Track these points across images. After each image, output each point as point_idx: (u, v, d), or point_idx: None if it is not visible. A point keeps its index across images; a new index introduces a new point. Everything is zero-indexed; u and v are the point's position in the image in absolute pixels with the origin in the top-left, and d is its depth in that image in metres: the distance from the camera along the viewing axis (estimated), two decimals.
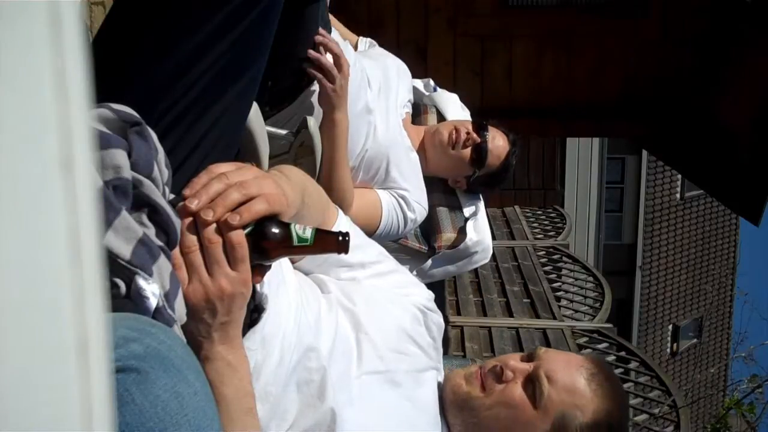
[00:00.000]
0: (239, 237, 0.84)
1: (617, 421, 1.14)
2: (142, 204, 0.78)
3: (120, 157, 0.75)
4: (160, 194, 0.80)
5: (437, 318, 1.26)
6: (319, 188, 1.11)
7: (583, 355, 1.21)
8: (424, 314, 1.23)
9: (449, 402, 1.18)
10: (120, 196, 0.74)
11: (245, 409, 0.89)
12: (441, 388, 1.21)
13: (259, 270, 0.91)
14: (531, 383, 1.12)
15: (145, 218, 0.78)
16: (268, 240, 0.87)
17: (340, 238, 0.92)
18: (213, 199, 0.84)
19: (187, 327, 0.83)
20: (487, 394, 1.14)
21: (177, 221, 0.82)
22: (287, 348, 1.01)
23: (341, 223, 1.15)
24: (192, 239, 0.84)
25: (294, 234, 0.89)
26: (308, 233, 0.90)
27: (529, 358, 1.17)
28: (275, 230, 0.88)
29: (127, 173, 0.75)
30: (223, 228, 0.84)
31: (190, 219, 0.84)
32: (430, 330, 1.23)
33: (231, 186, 0.85)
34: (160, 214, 0.79)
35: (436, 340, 1.25)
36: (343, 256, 0.98)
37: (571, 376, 1.13)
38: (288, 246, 0.89)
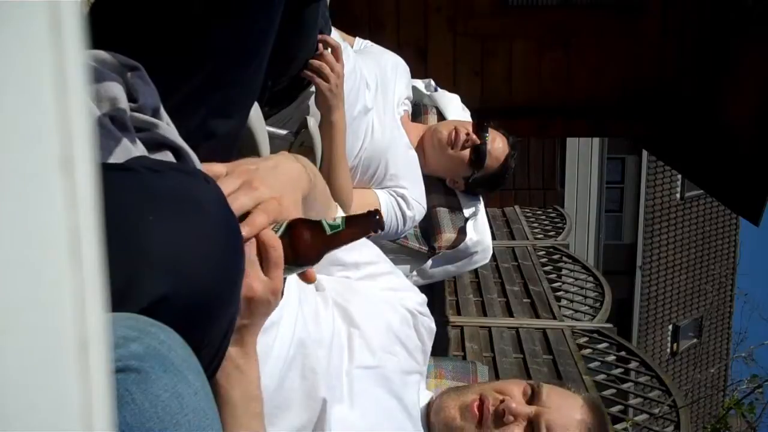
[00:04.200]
0: (273, 240, 0.80)
1: None
2: (160, 145, 0.78)
3: (115, 89, 0.75)
4: (177, 134, 0.80)
5: (428, 322, 1.26)
6: (324, 183, 1.11)
7: (583, 398, 1.22)
8: (414, 316, 1.23)
9: (439, 431, 1.18)
10: (118, 126, 0.74)
11: (252, 413, 0.88)
12: (433, 408, 1.21)
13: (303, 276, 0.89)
14: (530, 427, 1.14)
15: (171, 156, 0.79)
16: (301, 239, 0.83)
17: (371, 216, 0.88)
18: None
19: None
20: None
21: (197, 161, 0.82)
22: (285, 342, 1.01)
23: None
24: None
25: (325, 225, 0.86)
26: (338, 221, 0.86)
27: (532, 396, 1.17)
28: (305, 228, 0.84)
29: (124, 104, 0.75)
30: None
31: None
32: (419, 333, 1.23)
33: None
34: (180, 154, 0.81)
35: (424, 344, 1.25)
36: (340, 254, 0.97)
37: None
38: (322, 238, 0.85)
